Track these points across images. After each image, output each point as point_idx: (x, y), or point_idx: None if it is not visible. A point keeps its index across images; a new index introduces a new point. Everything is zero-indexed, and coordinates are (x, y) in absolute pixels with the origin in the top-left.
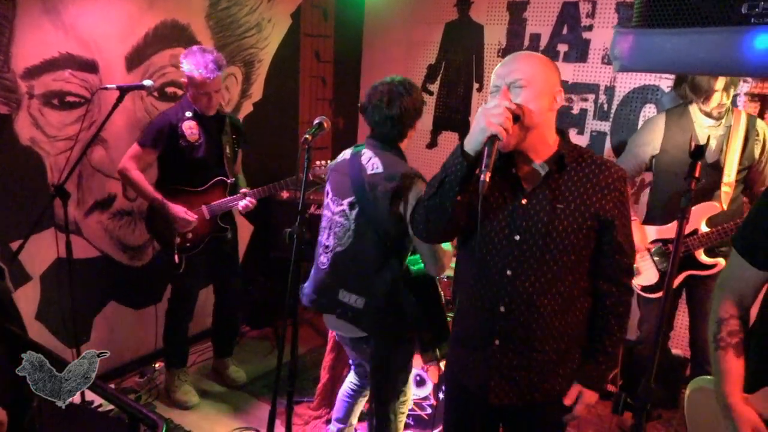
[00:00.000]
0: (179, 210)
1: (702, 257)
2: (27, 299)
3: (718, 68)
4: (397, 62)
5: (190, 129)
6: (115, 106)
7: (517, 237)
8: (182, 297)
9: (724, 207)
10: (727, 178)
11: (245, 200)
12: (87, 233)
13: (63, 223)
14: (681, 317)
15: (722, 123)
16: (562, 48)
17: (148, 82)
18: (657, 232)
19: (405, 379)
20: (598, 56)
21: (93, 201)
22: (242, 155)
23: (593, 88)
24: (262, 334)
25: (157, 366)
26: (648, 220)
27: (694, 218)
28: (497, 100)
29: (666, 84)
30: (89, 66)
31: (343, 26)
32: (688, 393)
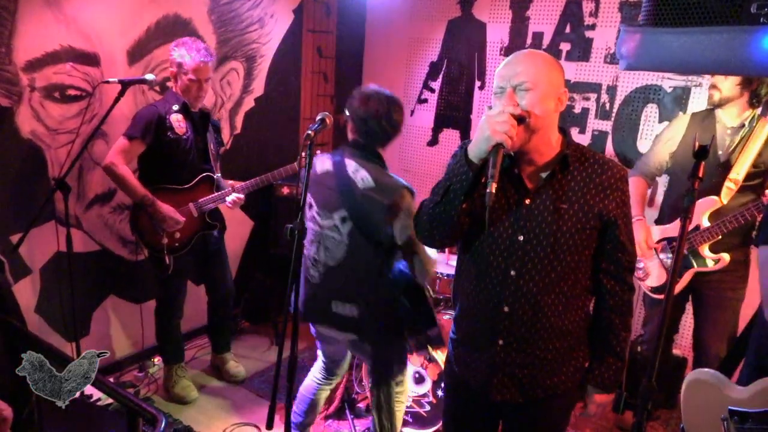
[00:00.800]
0: (169, 209)
1: (705, 253)
2: (27, 292)
3: (726, 68)
4: (399, 59)
5: (178, 122)
6: (117, 100)
7: (521, 237)
8: (171, 296)
9: (724, 202)
10: (734, 176)
11: (233, 195)
12: (87, 227)
13: (63, 217)
14: (686, 321)
15: (746, 126)
16: (565, 47)
17: (150, 76)
18: (662, 232)
19: (402, 369)
20: (601, 55)
21: (93, 195)
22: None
23: (595, 88)
24: (261, 330)
25: (156, 360)
26: (659, 220)
27: (696, 214)
28: (500, 106)
29: (668, 84)
30: (91, 59)
31: (346, 22)
32: (685, 384)
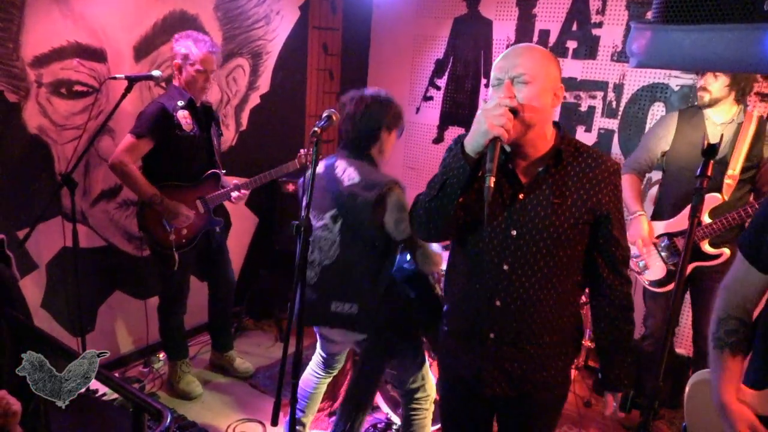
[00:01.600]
0: (179, 205)
1: (706, 248)
2: (33, 287)
3: (738, 65)
4: (405, 56)
5: (185, 119)
6: (124, 96)
7: (514, 232)
8: (174, 293)
9: (726, 198)
10: (732, 171)
11: (236, 192)
12: (93, 222)
13: (70, 212)
14: (685, 316)
15: (734, 121)
16: (571, 44)
17: (157, 73)
18: (663, 227)
19: (417, 369)
20: (608, 53)
21: (99, 190)
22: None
23: (602, 86)
24: (266, 326)
25: (161, 356)
26: (656, 216)
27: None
28: (496, 99)
29: (675, 83)
30: (97, 55)
31: (352, 19)
32: (690, 385)
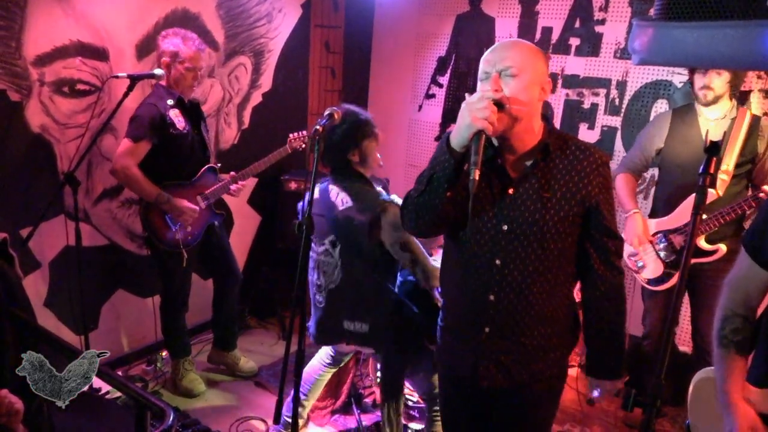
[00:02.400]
0: (184, 202)
1: (702, 244)
2: (36, 286)
3: (740, 63)
4: (407, 54)
5: (177, 117)
6: (126, 95)
7: (505, 227)
8: (177, 290)
9: (720, 194)
10: (725, 167)
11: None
12: (96, 221)
13: (72, 211)
14: (684, 312)
15: (727, 117)
16: (574, 42)
17: (159, 71)
18: (658, 224)
19: (430, 380)
20: (611, 50)
21: (102, 189)
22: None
23: (605, 83)
24: (268, 324)
25: (164, 354)
26: (653, 214)
27: (694, 207)
28: (480, 92)
29: (679, 79)
30: (100, 54)
31: (354, 17)
32: (694, 382)
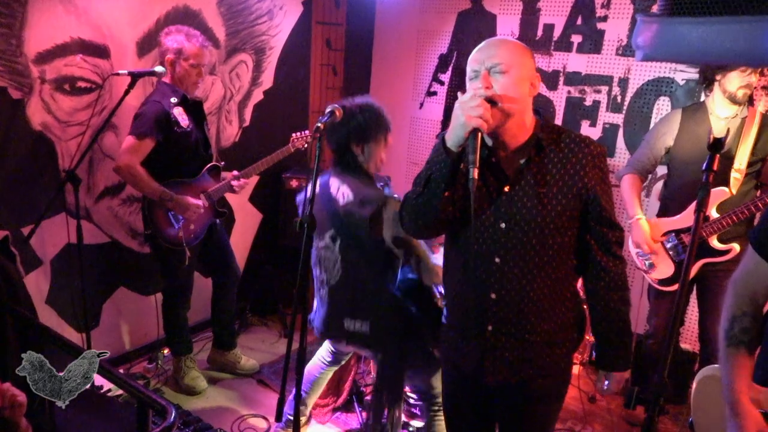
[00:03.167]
0: (189, 199)
1: (715, 243)
2: (38, 284)
3: (746, 58)
4: (409, 51)
5: (181, 115)
6: (127, 92)
7: (503, 225)
8: (179, 288)
9: (734, 192)
10: (738, 165)
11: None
12: (97, 219)
13: (74, 209)
14: (690, 313)
15: (738, 115)
16: (576, 39)
17: (160, 69)
18: (668, 224)
19: (433, 373)
20: (613, 47)
21: (103, 187)
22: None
23: (607, 80)
24: (270, 322)
25: (166, 352)
26: (662, 212)
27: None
28: (472, 91)
29: (681, 77)
30: (101, 51)
31: (355, 14)
32: (697, 380)
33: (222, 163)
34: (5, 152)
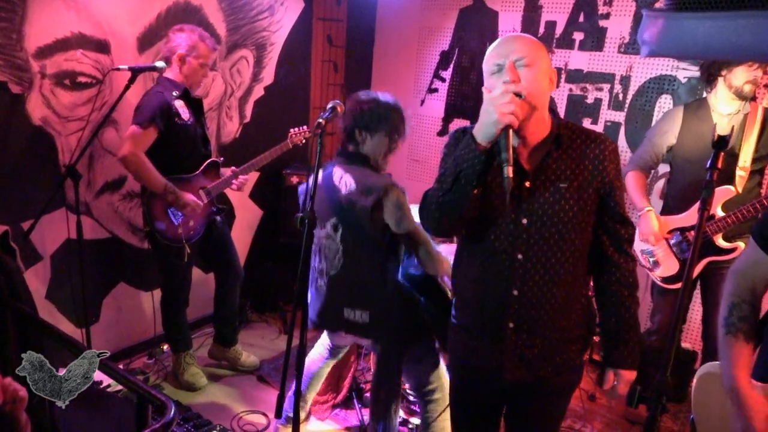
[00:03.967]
0: (189, 195)
1: (720, 242)
2: (37, 279)
3: (753, 54)
4: (410, 48)
5: (182, 108)
6: (127, 88)
7: (525, 221)
8: (179, 284)
9: (739, 190)
10: (743, 163)
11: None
12: (97, 214)
13: (74, 204)
14: (692, 311)
15: (740, 112)
16: (578, 36)
17: (161, 64)
18: (673, 221)
19: (430, 372)
20: (615, 45)
21: (103, 182)
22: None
23: (609, 78)
24: (270, 319)
25: (165, 347)
26: (665, 211)
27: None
28: (502, 87)
29: (683, 75)
30: (101, 46)
31: (356, 10)
32: (697, 377)
33: (221, 159)
34: (5, 147)
